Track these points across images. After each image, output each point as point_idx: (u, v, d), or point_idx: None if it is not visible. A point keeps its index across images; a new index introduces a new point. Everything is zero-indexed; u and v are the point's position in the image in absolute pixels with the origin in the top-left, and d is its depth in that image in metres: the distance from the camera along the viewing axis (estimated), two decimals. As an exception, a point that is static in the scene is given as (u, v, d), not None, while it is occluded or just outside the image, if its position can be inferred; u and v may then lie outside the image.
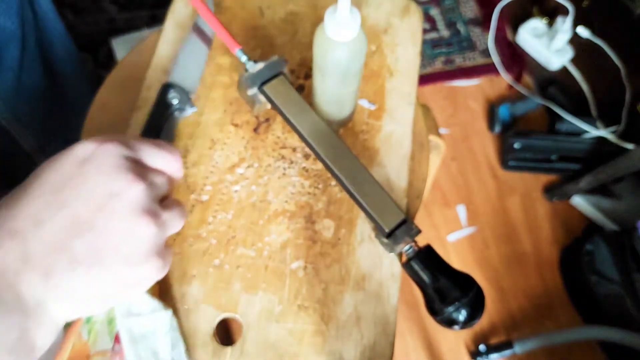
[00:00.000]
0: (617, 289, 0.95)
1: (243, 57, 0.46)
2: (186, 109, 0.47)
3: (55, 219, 0.26)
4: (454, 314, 0.36)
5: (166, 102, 0.46)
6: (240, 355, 0.40)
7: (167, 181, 0.32)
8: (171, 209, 0.31)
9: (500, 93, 1.27)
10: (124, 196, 0.28)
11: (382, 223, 0.40)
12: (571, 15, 1.11)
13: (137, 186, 0.28)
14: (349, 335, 0.41)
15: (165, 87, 0.47)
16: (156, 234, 0.29)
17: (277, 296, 0.42)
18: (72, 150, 0.29)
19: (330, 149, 0.43)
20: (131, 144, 0.30)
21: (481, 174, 1.18)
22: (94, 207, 0.27)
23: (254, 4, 0.56)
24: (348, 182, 0.42)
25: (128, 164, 0.29)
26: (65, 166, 0.28)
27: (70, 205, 0.27)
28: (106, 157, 0.28)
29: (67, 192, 0.27)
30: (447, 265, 0.38)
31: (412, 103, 0.51)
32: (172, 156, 0.32)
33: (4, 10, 0.55)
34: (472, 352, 0.99)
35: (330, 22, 0.36)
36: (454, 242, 1.11)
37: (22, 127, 0.65)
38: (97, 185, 0.27)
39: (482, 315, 0.37)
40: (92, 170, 0.28)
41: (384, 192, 0.42)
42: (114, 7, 1.20)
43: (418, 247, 0.40)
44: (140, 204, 0.28)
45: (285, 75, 0.46)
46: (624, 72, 1.09)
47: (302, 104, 0.44)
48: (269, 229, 0.45)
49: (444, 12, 1.36)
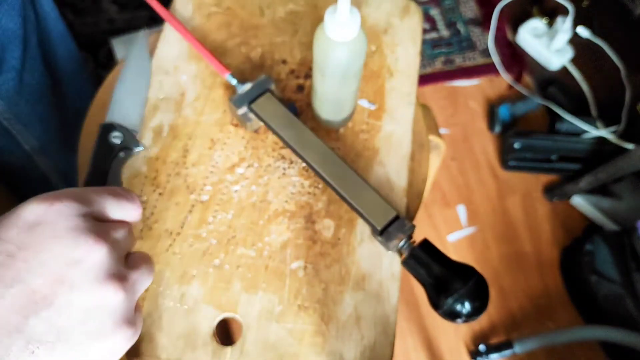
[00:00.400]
0: (617, 289, 0.95)
1: (233, 80, 0.48)
2: (132, 148, 0.44)
3: (6, 297, 0.23)
4: (454, 305, 0.35)
5: (108, 144, 0.43)
6: (240, 355, 0.40)
7: (130, 233, 0.29)
8: (138, 266, 0.28)
9: (500, 93, 1.27)
10: (84, 263, 0.24)
11: (374, 221, 0.41)
12: (571, 15, 1.11)
13: (99, 249, 0.25)
14: (349, 335, 0.41)
15: (104, 127, 0.44)
16: (124, 300, 0.26)
17: (277, 296, 0.42)
18: (19, 214, 0.25)
19: (318, 156, 0.44)
20: (84, 198, 0.27)
21: (481, 174, 1.18)
22: (51, 279, 0.24)
23: (254, 3, 0.56)
24: (337, 185, 0.43)
25: (85, 224, 0.25)
26: (12, 233, 0.24)
27: (23, 280, 0.23)
28: (59, 219, 0.25)
29: (18, 265, 0.23)
30: (446, 257, 0.38)
31: (412, 103, 0.51)
32: (131, 203, 0.29)
33: (7, 11, 0.55)
34: (472, 352, 0.99)
35: (330, 22, 0.36)
36: (454, 242, 1.11)
37: (23, 126, 0.65)
38: (54, 254, 0.24)
39: (487, 306, 0.36)
40: (45, 237, 0.24)
41: (374, 191, 0.42)
42: (114, 7, 1.20)
43: (415, 242, 0.40)
44: (104, 270, 0.25)
45: (271, 92, 0.47)
46: (624, 72, 1.09)
47: (288, 116, 0.46)
48: (269, 229, 0.45)
49: (444, 12, 1.36)
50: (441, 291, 0.36)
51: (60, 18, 0.69)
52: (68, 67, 0.72)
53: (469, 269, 0.37)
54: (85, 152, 0.50)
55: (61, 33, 0.70)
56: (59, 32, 0.69)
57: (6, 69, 0.58)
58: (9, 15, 0.56)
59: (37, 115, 0.66)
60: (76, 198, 0.26)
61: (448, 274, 0.37)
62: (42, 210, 0.25)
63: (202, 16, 0.55)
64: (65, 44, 0.71)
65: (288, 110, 0.46)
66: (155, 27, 0.62)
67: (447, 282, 0.36)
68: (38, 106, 0.66)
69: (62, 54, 0.70)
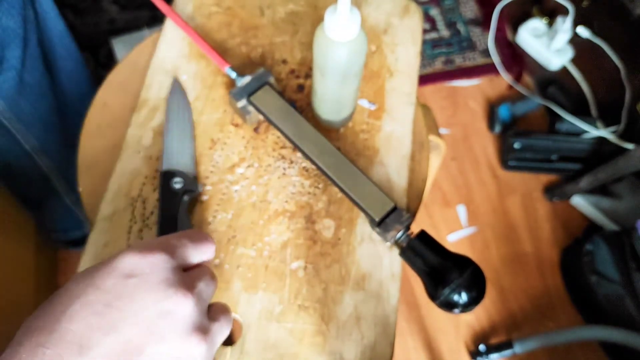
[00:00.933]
0: (617, 289, 0.95)
1: (233, 73, 0.48)
2: (194, 190, 0.45)
3: (104, 345, 0.24)
4: (450, 295, 0.35)
5: (172, 190, 0.44)
6: (240, 355, 0.40)
7: (211, 279, 0.30)
8: (218, 317, 0.29)
9: (500, 93, 1.27)
10: (174, 315, 0.26)
11: (372, 212, 0.41)
12: (571, 15, 1.11)
13: (187, 303, 0.26)
14: (349, 335, 0.41)
15: (165, 175, 0.45)
16: (206, 351, 0.27)
17: (277, 296, 0.42)
18: (115, 265, 0.26)
19: (317, 149, 0.44)
20: (170, 248, 0.28)
21: (481, 174, 1.18)
22: (144, 329, 0.25)
23: (254, 3, 0.56)
24: (336, 177, 0.43)
25: (174, 277, 0.27)
26: (108, 283, 0.26)
27: (119, 329, 0.24)
28: (152, 271, 0.26)
29: (114, 314, 0.25)
30: (443, 248, 0.38)
31: (412, 103, 0.51)
32: (207, 246, 0.31)
33: (7, 10, 0.55)
34: (472, 352, 0.99)
35: (330, 22, 0.36)
36: (454, 242, 1.11)
37: (24, 126, 0.65)
38: (147, 304, 0.25)
39: (483, 296, 0.36)
40: (140, 288, 0.26)
41: (373, 183, 0.43)
42: (114, 7, 1.20)
43: (412, 234, 0.40)
44: (190, 322, 0.26)
45: (270, 85, 0.47)
46: (624, 72, 1.08)
47: (287, 109, 0.46)
48: (269, 228, 0.45)
49: (444, 12, 1.36)
50: (438, 281, 0.36)
51: (60, 17, 0.69)
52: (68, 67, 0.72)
53: (465, 259, 0.37)
54: (85, 152, 0.50)
55: (61, 32, 0.70)
56: (58, 31, 0.69)
57: (6, 67, 0.58)
58: (9, 14, 0.56)
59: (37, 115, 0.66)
60: (164, 249, 0.28)
61: (445, 265, 0.37)
62: (136, 262, 0.27)
63: (202, 16, 0.55)
64: (65, 44, 0.71)
65: (287, 103, 0.46)
66: (156, 27, 0.61)
67: (444, 273, 0.36)
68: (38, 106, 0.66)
69: (61, 54, 0.70)
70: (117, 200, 0.46)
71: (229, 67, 0.49)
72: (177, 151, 0.47)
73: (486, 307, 1.05)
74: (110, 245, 0.44)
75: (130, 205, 0.45)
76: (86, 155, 0.50)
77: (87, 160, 0.49)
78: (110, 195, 0.46)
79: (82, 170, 0.49)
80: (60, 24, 0.69)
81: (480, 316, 1.04)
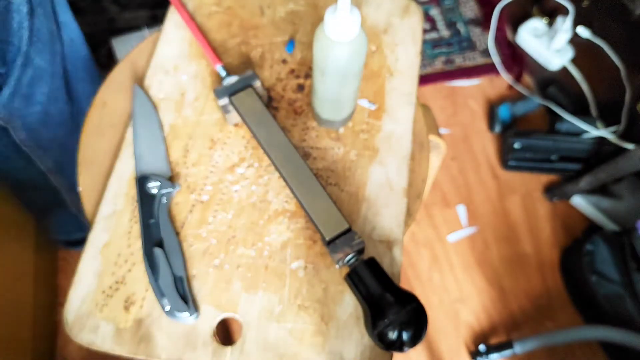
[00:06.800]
0: (617, 289, 0.95)
1: (223, 72, 0.49)
2: (170, 190, 0.45)
3: None
4: (385, 329, 0.34)
5: (148, 194, 0.45)
6: (240, 355, 0.40)
7: None
8: None
9: (500, 93, 1.27)
10: None
11: (323, 230, 0.41)
12: (571, 15, 1.11)
13: None
14: (349, 335, 0.41)
15: (140, 180, 0.45)
16: None
17: (277, 296, 0.42)
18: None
19: (282, 156, 0.44)
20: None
21: (481, 174, 1.18)
22: None
23: (254, 3, 0.56)
24: (295, 188, 0.43)
25: None
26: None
27: None
28: None
29: None
30: (390, 280, 0.37)
31: (412, 103, 0.51)
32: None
33: (40, 50, 0.55)
34: (472, 352, 0.99)
35: (330, 22, 0.36)
36: (454, 243, 1.11)
37: (43, 151, 0.65)
38: None
39: (422, 337, 0.35)
40: None
41: (333, 204, 0.42)
42: (115, 7, 1.20)
43: (361, 259, 0.39)
44: None
45: (254, 88, 0.47)
46: (624, 72, 1.08)
47: (264, 113, 0.46)
48: (269, 228, 0.45)
49: (444, 12, 1.36)
50: (377, 313, 0.35)
51: (85, 43, 0.69)
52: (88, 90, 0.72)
53: (409, 295, 0.36)
54: (85, 152, 0.50)
55: (84, 57, 0.70)
56: (82, 56, 0.69)
57: (33, 103, 0.58)
58: (41, 53, 0.56)
59: (56, 141, 0.67)
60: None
61: (386, 297, 0.36)
62: None
63: (202, 15, 0.55)
64: (87, 67, 0.71)
65: (265, 108, 0.46)
66: (156, 27, 0.61)
67: (385, 305, 0.35)
68: (58, 132, 0.66)
69: (83, 77, 0.70)
70: (117, 200, 0.46)
71: (221, 64, 0.49)
72: (148, 155, 0.47)
73: (486, 307, 1.05)
74: (111, 245, 0.44)
75: (130, 205, 0.45)
76: (86, 155, 0.50)
77: (87, 160, 0.49)
78: (110, 195, 0.46)
79: (82, 169, 0.49)
80: (84, 50, 0.69)
81: (480, 316, 1.04)
